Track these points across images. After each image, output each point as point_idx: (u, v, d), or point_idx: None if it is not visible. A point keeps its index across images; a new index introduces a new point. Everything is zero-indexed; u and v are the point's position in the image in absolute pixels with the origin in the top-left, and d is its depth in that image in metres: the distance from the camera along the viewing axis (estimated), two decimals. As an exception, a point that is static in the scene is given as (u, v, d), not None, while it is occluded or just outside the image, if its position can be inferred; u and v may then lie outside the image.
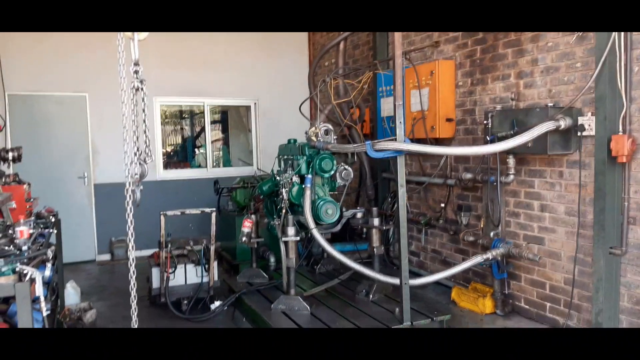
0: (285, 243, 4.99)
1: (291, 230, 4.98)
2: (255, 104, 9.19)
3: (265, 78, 9.07)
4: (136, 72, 2.76)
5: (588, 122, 4.42)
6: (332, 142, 5.47)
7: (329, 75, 5.84)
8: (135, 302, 3.08)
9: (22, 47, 7.37)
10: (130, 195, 2.87)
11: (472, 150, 4.65)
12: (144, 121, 2.80)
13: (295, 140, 5.78)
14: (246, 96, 9.12)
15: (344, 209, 5.43)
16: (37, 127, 7.67)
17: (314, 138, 5.41)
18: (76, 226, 7.92)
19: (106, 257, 8.18)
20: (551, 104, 4.61)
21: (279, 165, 5.84)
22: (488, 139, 5.02)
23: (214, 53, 8.63)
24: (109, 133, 7.89)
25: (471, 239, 5.56)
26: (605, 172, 4.23)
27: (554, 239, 4.91)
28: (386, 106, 6.72)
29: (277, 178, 5.46)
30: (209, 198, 7.96)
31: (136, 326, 3.19)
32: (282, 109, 8.91)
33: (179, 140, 13.03)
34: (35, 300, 3.31)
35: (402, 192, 4.55)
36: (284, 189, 5.24)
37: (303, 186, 5.08)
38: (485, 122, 5.12)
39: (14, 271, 2.71)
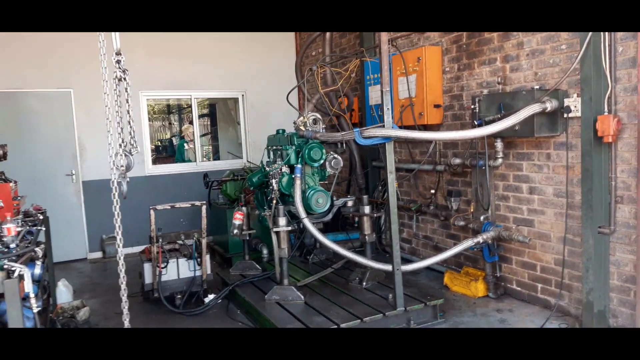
0: (277, 233, 4.98)
1: (282, 221, 4.98)
2: (243, 96, 9.14)
3: (253, 70, 9.01)
4: (118, 62, 2.72)
5: (574, 103, 4.45)
6: (321, 131, 5.46)
7: (316, 64, 5.81)
8: (125, 296, 3.07)
9: (2, 43, 7.24)
10: (116, 188, 2.83)
11: (459, 134, 4.65)
12: (128, 112, 2.77)
13: (283, 131, 5.76)
14: (234, 88, 9.06)
15: (334, 198, 5.44)
16: (21, 124, 7.57)
17: (302, 128, 5.40)
18: (66, 224, 7.85)
19: (98, 254, 8.13)
20: (537, 87, 4.63)
21: (269, 156, 5.83)
22: (476, 123, 5.04)
23: (201, 46, 8.54)
24: (95, 129, 7.81)
25: (462, 223, 5.58)
26: (592, 153, 4.26)
27: (543, 220, 4.96)
28: (374, 94, 6.72)
29: (267, 169, 5.45)
30: (199, 192, 7.91)
31: (127, 321, 3.18)
32: (270, 101, 8.86)
33: (168, 135, 12.96)
34: (25, 298, 3.30)
35: (391, 178, 4.56)
36: (273, 180, 5.23)
37: (293, 176, 5.08)
38: (472, 106, 5.13)
39: (1, 268, 2.68)
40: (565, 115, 4.53)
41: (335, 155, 5.35)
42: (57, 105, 7.75)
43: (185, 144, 10.11)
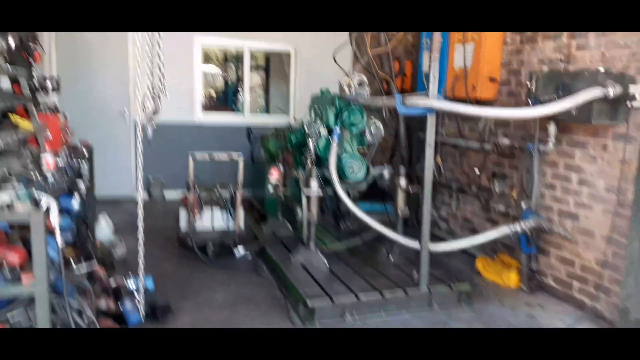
0: (308, 197, 4.94)
1: (314, 184, 4.92)
2: (295, 50, 8.98)
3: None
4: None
5: (640, 91, 4.04)
6: (366, 95, 5.28)
7: (367, 26, 5.54)
8: (142, 237, 3.14)
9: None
10: (140, 131, 2.87)
11: (508, 112, 4.35)
12: (159, 55, 2.75)
13: (328, 91, 5.63)
14: (287, 41, 8.90)
15: (371, 167, 5.31)
16: (80, 59, 7.79)
17: (346, 89, 5.24)
18: (117, 163, 8.16)
19: (145, 195, 8.44)
20: (602, 70, 4.22)
21: (311, 116, 5.73)
22: (530, 102, 4.70)
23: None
24: (150, 71, 7.93)
25: (502, 208, 5.33)
26: (653, 149, 3.89)
27: (589, 216, 4.64)
28: (428, 60, 6.39)
29: (306, 129, 5.36)
30: (245, 144, 7.98)
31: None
32: (323, 58, 8.62)
33: (222, 84, 13.05)
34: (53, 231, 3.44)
35: (430, 153, 4.37)
36: (310, 141, 5.15)
37: (330, 139, 4.98)
38: (528, 84, 4.77)
39: (29, 199, 2.79)
40: (628, 104, 4.13)
41: (376, 122, 5.17)
42: (113, 47, 7.88)
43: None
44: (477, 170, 5.93)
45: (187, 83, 8.40)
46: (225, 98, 12.45)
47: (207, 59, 12.71)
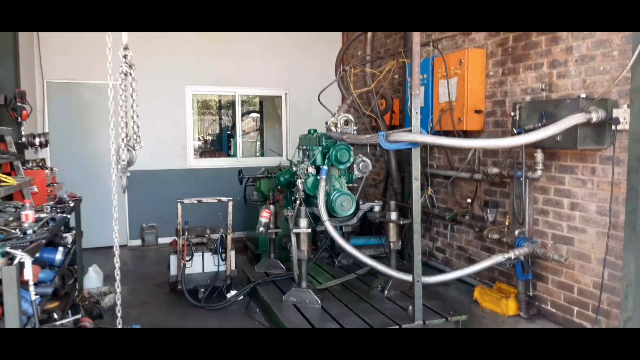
0: (297, 235, 4.89)
1: (303, 222, 4.88)
2: (286, 94, 9.13)
3: (298, 68, 8.97)
4: (125, 56, 2.72)
5: (623, 114, 4.06)
6: (352, 132, 5.32)
7: (349, 64, 5.66)
8: (118, 282, 3.10)
9: (62, 35, 7.58)
10: (114, 182, 2.85)
11: (492, 142, 4.37)
12: (132, 107, 2.76)
13: (315, 131, 5.67)
14: (278, 86, 9.07)
15: (361, 202, 5.28)
16: (73, 114, 7.91)
17: (333, 128, 5.29)
18: (110, 212, 8.13)
19: (137, 242, 8.38)
20: (584, 95, 4.27)
21: (299, 156, 5.76)
22: (515, 131, 4.73)
23: (247, 43, 8.60)
24: (142, 120, 8.05)
25: (496, 236, 5.27)
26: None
27: (584, 239, 4.58)
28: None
29: (294, 168, 5.37)
30: (238, 187, 7.98)
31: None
32: (312, 100, 8.75)
33: (217, 130, 13.20)
34: (37, 284, 3.38)
35: (416, 185, 4.35)
36: (299, 180, 5.15)
37: (318, 177, 4.97)
38: (512, 114, 4.81)
39: (2, 255, 2.74)
40: (613, 128, 4.15)
41: (364, 158, 5.20)
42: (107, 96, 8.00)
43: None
44: (469, 200, 5.91)
45: (179, 131, 8.48)
46: (220, 143, 12.57)
47: (206, 106, 12.95)
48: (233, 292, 5.58)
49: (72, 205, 4.85)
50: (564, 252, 4.71)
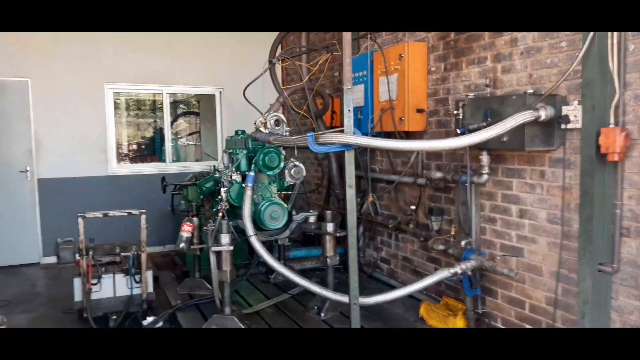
0: (217, 253, 4.26)
1: (225, 238, 4.26)
2: (220, 92, 8.44)
3: (232, 65, 8.29)
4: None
5: (574, 112, 3.67)
6: (284, 134, 4.75)
7: (277, 56, 5.07)
8: None
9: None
10: None
11: (433, 144, 3.89)
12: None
13: (243, 132, 5.06)
14: (211, 84, 8.37)
15: (294, 213, 4.72)
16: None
17: (262, 129, 4.69)
18: (19, 225, 7.23)
19: (52, 259, 7.45)
20: (531, 91, 3.86)
21: (225, 161, 5.13)
22: (458, 132, 4.28)
23: (175, 38, 7.86)
24: (54, 122, 7.21)
25: (441, 247, 4.84)
26: (594, 173, 3.49)
27: (534, 250, 4.18)
28: (354, 95, 5.97)
29: (217, 175, 4.74)
30: (168, 195, 7.23)
31: None
32: (249, 99, 8.15)
33: (150, 132, 12.30)
34: None
35: (350, 193, 3.81)
36: (222, 189, 4.52)
37: (243, 185, 4.37)
38: (455, 112, 4.37)
39: None
40: (563, 126, 3.76)
41: (297, 163, 4.64)
42: (13, 95, 7.10)
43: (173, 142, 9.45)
44: (412, 207, 5.45)
45: (98, 134, 7.63)
46: (153, 147, 11.70)
47: (139, 107, 12.01)
48: (150, 319, 4.87)
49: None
50: (513, 265, 4.30)
